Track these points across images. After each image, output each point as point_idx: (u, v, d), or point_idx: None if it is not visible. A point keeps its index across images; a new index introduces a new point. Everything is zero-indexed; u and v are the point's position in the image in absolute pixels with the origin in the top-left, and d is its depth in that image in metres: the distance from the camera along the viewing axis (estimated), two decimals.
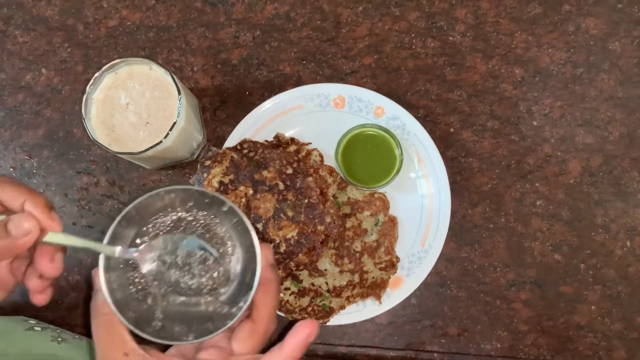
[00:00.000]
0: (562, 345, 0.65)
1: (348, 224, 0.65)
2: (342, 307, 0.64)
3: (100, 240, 0.44)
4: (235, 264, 0.50)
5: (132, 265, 0.49)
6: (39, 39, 0.71)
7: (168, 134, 0.56)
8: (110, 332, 0.45)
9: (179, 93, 0.57)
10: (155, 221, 0.50)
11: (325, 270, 0.65)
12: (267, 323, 0.47)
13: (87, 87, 0.57)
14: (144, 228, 0.50)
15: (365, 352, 0.66)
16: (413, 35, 0.69)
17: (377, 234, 0.65)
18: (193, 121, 0.63)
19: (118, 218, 0.46)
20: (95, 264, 0.47)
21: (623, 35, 0.68)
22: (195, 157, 0.67)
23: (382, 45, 0.69)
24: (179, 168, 0.69)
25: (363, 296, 0.64)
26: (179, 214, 0.51)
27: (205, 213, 0.51)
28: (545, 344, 0.66)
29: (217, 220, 0.51)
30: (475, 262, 0.66)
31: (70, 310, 0.68)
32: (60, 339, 0.60)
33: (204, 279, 0.50)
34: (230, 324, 0.46)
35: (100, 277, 0.45)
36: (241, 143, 0.65)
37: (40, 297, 0.45)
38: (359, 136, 0.64)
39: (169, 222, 0.51)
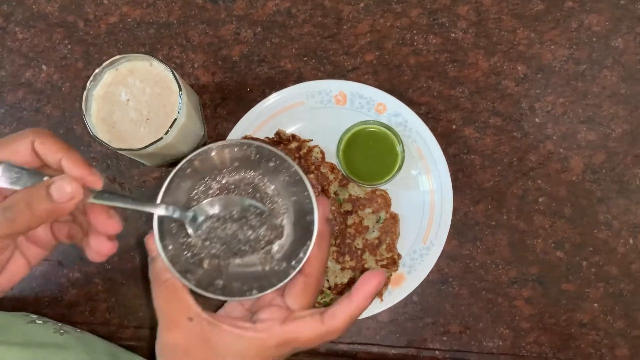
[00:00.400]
0: (565, 342, 0.65)
1: (349, 221, 0.65)
2: None
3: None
4: (288, 221, 0.50)
5: (184, 231, 0.49)
6: (39, 35, 0.71)
7: (168, 130, 0.56)
8: (173, 298, 0.45)
9: (180, 89, 0.57)
10: (202, 185, 0.50)
11: (327, 267, 0.64)
12: (318, 277, 0.47)
13: (88, 84, 0.57)
14: (193, 192, 0.50)
15: (367, 350, 0.66)
16: (415, 31, 0.68)
17: (379, 231, 0.65)
18: (194, 118, 0.62)
19: (168, 178, 0.46)
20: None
21: (626, 32, 0.68)
22: None
23: (383, 41, 0.68)
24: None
25: None
26: (225, 177, 0.51)
27: (253, 173, 0.51)
28: (547, 341, 0.65)
29: (266, 179, 0.51)
30: (477, 260, 0.66)
31: (70, 307, 0.68)
32: (62, 331, 0.59)
33: (257, 238, 0.50)
34: (292, 275, 0.46)
35: (157, 243, 0.45)
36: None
37: (97, 258, 0.44)
38: (361, 133, 0.64)
39: (216, 186, 0.51)
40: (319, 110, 0.66)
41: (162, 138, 0.56)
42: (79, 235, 0.45)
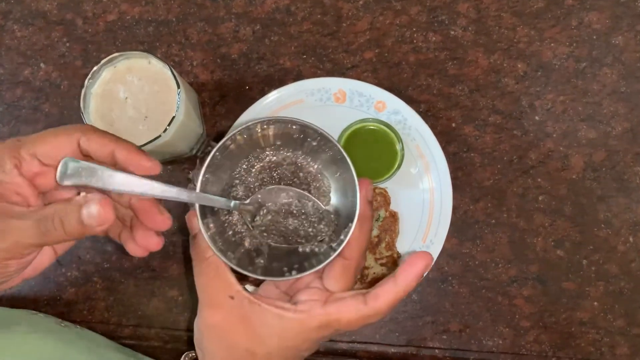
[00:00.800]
0: (565, 341, 0.65)
1: None
2: None
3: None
4: (331, 202, 0.49)
5: (226, 210, 0.49)
6: (37, 33, 0.70)
7: (167, 128, 0.56)
8: (215, 276, 0.44)
9: (178, 87, 0.57)
10: (245, 162, 0.50)
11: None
12: (358, 259, 0.46)
13: (86, 82, 0.57)
14: (236, 171, 0.50)
15: (367, 349, 0.66)
16: (414, 29, 0.68)
17: (378, 229, 0.65)
18: (192, 115, 0.62)
19: (210, 155, 0.46)
20: (97, 250, 0.46)
21: (626, 30, 0.67)
22: (194, 152, 0.67)
23: (383, 39, 0.68)
24: (178, 163, 0.68)
25: None
26: (268, 155, 0.51)
27: (296, 152, 0.51)
28: (547, 340, 0.65)
29: (309, 159, 0.51)
30: (477, 258, 0.66)
31: (69, 306, 0.67)
32: (63, 324, 0.60)
33: (300, 220, 0.50)
34: (332, 257, 0.45)
35: (199, 221, 0.45)
36: None
37: (140, 252, 0.44)
38: (360, 131, 0.63)
39: (259, 164, 0.51)
40: (318, 108, 0.66)
41: (160, 136, 0.56)
42: (118, 230, 0.45)
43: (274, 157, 0.51)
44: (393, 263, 0.64)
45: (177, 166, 0.68)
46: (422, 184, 0.65)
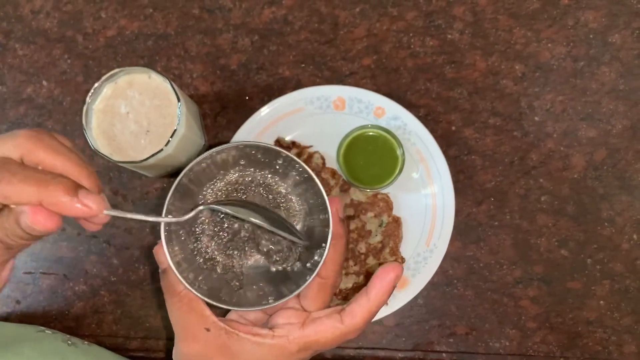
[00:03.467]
0: (572, 341, 0.65)
1: (352, 226, 0.65)
2: None
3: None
4: (302, 223, 0.49)
5: (194, 236, 0.48)
6: (38, 51, 0.71)
7: (169, 141, 0.57)
8: (188, 310, 0.44)
9: (179, 100, 0.57)
10: (210, 187, 0.50)
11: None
12: (334, 278, 0.46)
13: (87, 98, 0.58)
14: (200, 196, 0.50)
15: (374, 354, 0.66)
16: (411, 34, 0.69)
17: (382, 235, 0.65)
18: (194, 128, 0.63)
19: (171, 190, 0.46)
20: (107, 268, 0.46)
21: (623, 28, 0.67)
22: None
23: (380, 45, 0.69)
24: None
25: None
26: (234, 176, 0.50)
27: (262, 172, 0.51)
28: (554, 340, 0.65)
29: (277, 178, 0.51)
30: (481, 261, 0.66)
31: (77, 320, 0.68)
32: (70, 342, 0.60)
33: (269, 243, 0.50)
34: (309, 280, 0.45)
35: (166, 255, 0.45)
36: None
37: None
38: (360, 137, 0.64)
39: (223, 187, 0.50)
40: (318, 116, 0.66)
41: (162, 149, 0.57)
42: None
43: (241, 179, 0.51)
44: None
45: None
46: (424, 188, 0.65)
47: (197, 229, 0.51)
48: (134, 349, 0.68)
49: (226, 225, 0.51)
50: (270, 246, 0.50)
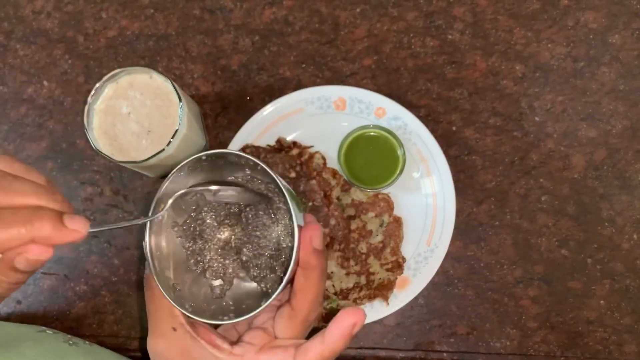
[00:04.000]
0: (572, 340, 0.65)
1: (353, 226, 0.65)
2: None
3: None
4: (281, 241, 0.49)
5: (190, 236, 0.50)
6: (39, 51, 0.71)
7: (170, 141, 0.57)
8: (159, 306, 0.45)
9: (180, 100, 0.57)
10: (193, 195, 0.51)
11: (332, 273, 0.64)
12: (306, 310, 0.44)
13: (89, 98, 0.58)
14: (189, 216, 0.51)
15: (375, 354, 0.66)
16: (412, 35, 0.69)
17: (383, 235, 0.65)
18: (195, 128, 0.63)
19: (150, 214, 0.47)
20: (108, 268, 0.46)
21: (622, 28, 0.68)
22: None
23: (381, 46, 0.69)
24: None
25: (370, 298, 0.64)
26: (220, 192, 0.51)
27: (239, 189, 0.50)
28: (555, 340, 0.65)
29: (257, 199, 0.50)
30: (482, 260, 0.66)
31: (78, 320, 0.68)
32: (71, 342, 0.60)
33: (250, 253, 0.49)
34: (262, 307, 0.44)
35: (146, 249, 0.46)
36: (243, 148, 0.65)
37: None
38: (361, 137, 0.64)
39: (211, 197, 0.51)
40: (319, 116, 0.67)
41: (163, 150, 0.57)
42: None
43: (226, 192, 0.51)
44: (398, 268, 0.64)
45: None
46: (425, 188, 0.66)
47: (196, 229, 0.51)
48: (135, 349, 0.68)
49: (219, 231, 0.51)
50: (250, 257, 0.50)
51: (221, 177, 0.51)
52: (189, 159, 0.47)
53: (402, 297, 0.64)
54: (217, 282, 0.51)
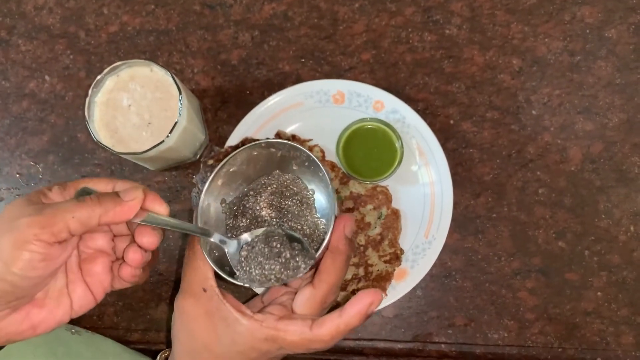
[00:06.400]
0: (570, 332, 0.65)
1: None
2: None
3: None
4: (325, 234, 0.52)
5: (234, 214, 0.55)
6: (41, 47, 0.72)
7: (170, 134, 0.57)
8: (196, 267, 0.49)
9: (180, 93, 0.58)
10: (239, 189, 0.56)
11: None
12: (326, 291, 0.48)
13: (90, 90, 0.58)
14: (230, 198, 0.56)
15: (373, 345, 0.67)
16: (410, 29, 0.69)
17: (381, 227, 0.66)
18: (195, 121, 0.63)
19: (207, 182, 0.53)
20: None
21: (619, 23, 0.68)
22: (198, 157, 0.68)
23: (379, 40, 0.69)
24: (182, 169, 0.69)
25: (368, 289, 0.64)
26: (263, 179, 0.57)
27: (289, 175, 0.57)
28: (552, 331, 0.66)
29: (304, 180, 0.56)
30: (480, 252, 0.67)
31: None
32: (73, 331, 0.61)
33: (292, 242, 0.53)
34: (283, 282, 0.49)
35: (198, 216, 0.52)
36: (243, 142, 0.66)
37: (128, 271, 0.46)
38: (359, 131, 0.65)
39: (252, 191, 0.56)
40: (317, 109, 0.67)
41: (163, 141, 0.57)
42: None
43: (269, 180, 0.57)
44: (396, 259, 0.64)
45: (181, 171, 0.69)
46: (423, 181, 0.66)
47: (240, 209, 0.56)
48: (135, 340, 0.68)
49: (268, 214, 0.56)
50: (289, 230, 0.54)
51: (273, 168, 0.57)
52: (248, 146, 0.54)
53: (400, 288, 0.64)
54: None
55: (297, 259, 0.49)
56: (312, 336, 0.46)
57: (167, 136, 0.57)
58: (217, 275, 0.49)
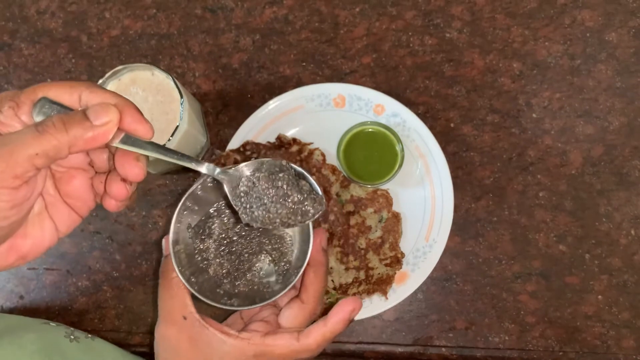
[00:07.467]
0: (570, 335, 0.65)
1: (352, 222, 0.66)
2: None
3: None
4: (293, 246, 0.53)
5: (200, 237, 0.53)
6: (44, 50, 0.72)
7: (171, 137, 0.57)
8: (174, 295, 0.48)
9: (181, 97, 0.58)
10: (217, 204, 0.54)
11: (331, 268, 0.65)
12: (315, 302, 0.50)
13: None
14: (211, 208, 0.54)
15: (374, 349, 0.67)
16: (410, 33, 0.70)
17: (382, 230, 0.66)
18: (196, 124, 0.64)
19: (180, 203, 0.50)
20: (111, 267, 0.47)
21: (619, 26, 0.68)
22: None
23: (380, 44, 0.70)
24: (183, 172, 0.70)
25: (369, 292, 0.64)
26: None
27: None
28: (553, 335, 0.65)
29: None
30: (480, 256, 0.67)
31: (80, 315, 0.69)
32: (72, 337, 0.61)
33: (262, 257, 0.53)
34: (277, 297, 0.49)
35: (170, 244, 0.49)
36: (244, 145, 0.66)
37: (113, 204, 0.42)
38: (360, 134, 0.65)
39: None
40: (318, 113, 0.67)
41: (164, 145, 0.57)
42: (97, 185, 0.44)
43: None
44: (397, 263, 0.65)
45: (183, 175, 0.70)
46: (423, 184, 0.66)
47: (205, 231, 0.54)
48: (136, 343, 0.68)
49: (235, 233, 0.54)
50: (260, 265, 0.54)
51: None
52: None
53: (400, 291, 0.64)
54: (222, 277, 0.53)
55: (306, 204, 0.48)
56: (300, 347, 0.47)
57: (169, 139, 0.57)
58: (193, 296, 0.49)
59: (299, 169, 0.50)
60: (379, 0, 0.70)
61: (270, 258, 0.53)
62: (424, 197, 0.66)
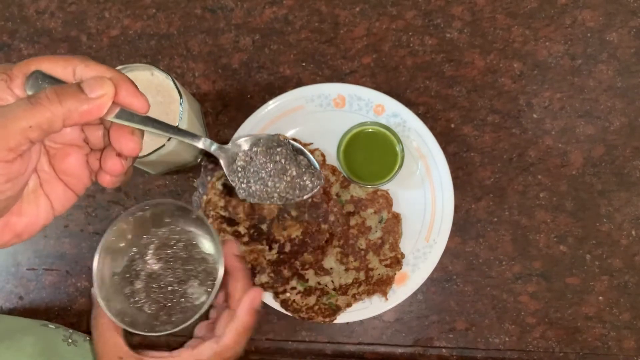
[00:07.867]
0: (571, 336, 0.65)
1: (352, 222, 0.66)
2: (349, 305, 0.64)
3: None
4: (217, 264, 0.53)
5: (127, 280, 0.54)
6: (43, 50, 0.72)
7: (170, 137, 0.57)
8: (107, 340, 0.51)
9: (181, 97, 0.58)
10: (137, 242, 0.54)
11: (331, 268, 0.65)
12: (244, 309, 0.52)
13: None
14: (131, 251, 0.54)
15: (374, 350, 0.67)
16: (410, 33, 0.69)
17: (382, 231, 0.65)
18: (196, 125, 0.63)
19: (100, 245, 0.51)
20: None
21: (619, 26, 0.68)
22: (198, 160, 0.68)
23: (380, 44, 0.69)
24: (183, 172, 0.69)
25: (369, 293, 0.64)
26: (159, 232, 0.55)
27: (181, 227, 0.55)
28: (553, 336, 0.65)
29: (191, 230, 0.55)
30: (481, 256, 0.67)
31: (80, 316, 0.69)
32: (70, 340, 0.61)
33: (191, 282, 0.54)
34: (202, 311, 0.51)
35: (96, 292, 0.51)
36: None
37: (108, 179, 0.41)
38: (360, 134, 0.65)
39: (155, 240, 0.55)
40: (318, 113, 0.67)
41: (164, 145, 0.57)
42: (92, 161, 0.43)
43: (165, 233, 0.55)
44: (397, 263, 0.64)
45: (182, 175, 0.70)
46: (424, 185, 0.66)
47: (132, 274, 0.54)
48: (136, 344, 0.68)
49: (160, 268, 0.55)
50: (185, 293, 0.54)
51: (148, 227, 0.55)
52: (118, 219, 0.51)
53: (401, 292, 0.64)
54: (160, 312, 0.54)
55: (305, 178, 0.48)
56: (219, 347, 0.51)
57: (168, 140, 0.57)
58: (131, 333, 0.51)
59: (297, 144, 0.50)
60: (379, 0, 0.70)
61: (198, 281, 0.53)
62: (424, 197, 0.66)
